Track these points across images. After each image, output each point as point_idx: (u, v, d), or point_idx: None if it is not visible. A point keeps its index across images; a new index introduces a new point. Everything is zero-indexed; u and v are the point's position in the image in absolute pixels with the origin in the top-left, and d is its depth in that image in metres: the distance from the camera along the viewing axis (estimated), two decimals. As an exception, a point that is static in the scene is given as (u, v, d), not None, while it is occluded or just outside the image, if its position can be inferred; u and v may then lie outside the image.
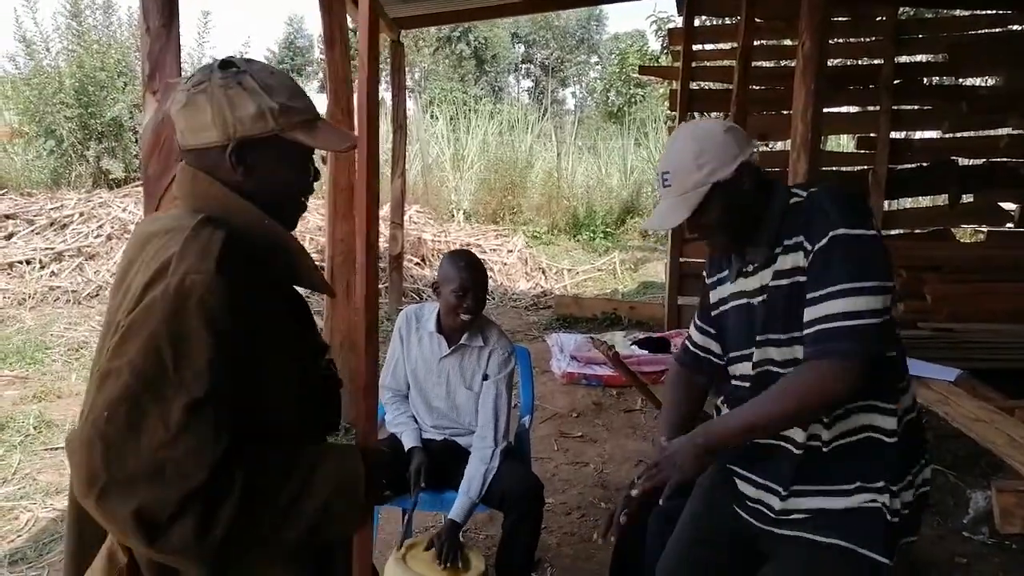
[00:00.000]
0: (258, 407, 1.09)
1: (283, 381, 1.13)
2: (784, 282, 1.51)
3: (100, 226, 7.49)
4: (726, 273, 1.68)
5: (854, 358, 1.38)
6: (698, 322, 1.84)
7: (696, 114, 6.41)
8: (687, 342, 1.88)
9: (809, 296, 1.43)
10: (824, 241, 1.41)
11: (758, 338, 1.57)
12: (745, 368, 1.63)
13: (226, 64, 1.16)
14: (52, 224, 7.52)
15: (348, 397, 1.34)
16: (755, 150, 1.54)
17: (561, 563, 2.93)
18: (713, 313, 1.74)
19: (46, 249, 7.14)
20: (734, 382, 1.69)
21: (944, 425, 2.63)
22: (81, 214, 7.63)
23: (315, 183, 1.24)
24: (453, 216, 10.85)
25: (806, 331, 1.43)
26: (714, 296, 1.73)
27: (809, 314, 1.43)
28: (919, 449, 1.60)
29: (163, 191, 2.58)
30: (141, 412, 0.97)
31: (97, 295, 6.77)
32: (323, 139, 1.18)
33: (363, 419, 1.26)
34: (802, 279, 1.46)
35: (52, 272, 6.95)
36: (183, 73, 2.67)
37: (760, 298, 1.57)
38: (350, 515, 1.13)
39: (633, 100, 17.37)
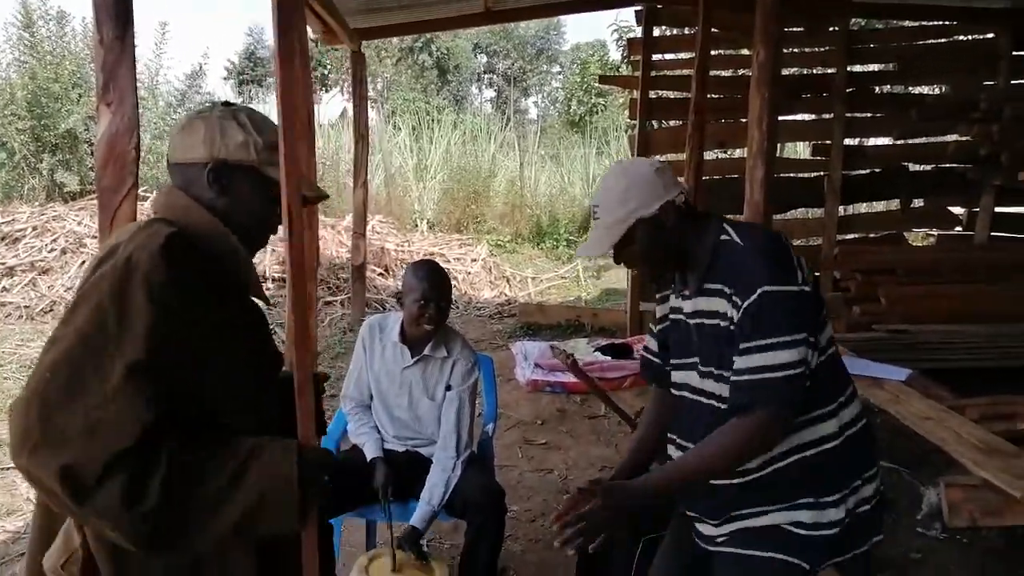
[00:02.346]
0: (207, 406, 1.14)
1: (235, 385, 1.18)
2: (709, 322, 1.62)
3: (54, 240, 7.32)
4: (668, 291, 1.81)
5: (784, 408, 1.50)
6: (655, 326, 1.92)
7: (656, 123, 6.50)
8: (645, 352, 1.94)
9: (741, 347, 1.52)
10: (753, 297, 1.50)
11: (690, 359, 1.70)
12: (687, 376, 1.73)
13: (228, 103, 1.32)
14: (3, 238, 7.32)
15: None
16: (683, 191, 1.64)
17: (526, 571, 2.94)
18: (659, 326, 1.86)
19: (-3, 264, 6.96)
20: (675, 390, 1.79)
21: (896, 424, 2.70)
22: (34, 228, 7.44)
23: (279, 224, 1.31)
24: (416, 226, 10.82)
25: (735, 379, 1.53)
26: (660, 311, 1.85)
27: (739, 363, 1.52)
28: (858, 466, 1.67)
29: (118, 204, 2.55)
30: (81, 374, 1.03)
31: (51, 310, 6.61)
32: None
33: (302, 417, 1.24)
34: (728, 326, 1.56)
35: (3, 287, 6.77)
36: (138, 85, 2.64)
37: (695, 322, 1.68)
38: (284, 510, 1.15)
39: (595, 109, 17.51)
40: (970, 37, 6.07)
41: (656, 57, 6.33)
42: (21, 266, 7.00)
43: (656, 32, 6.31)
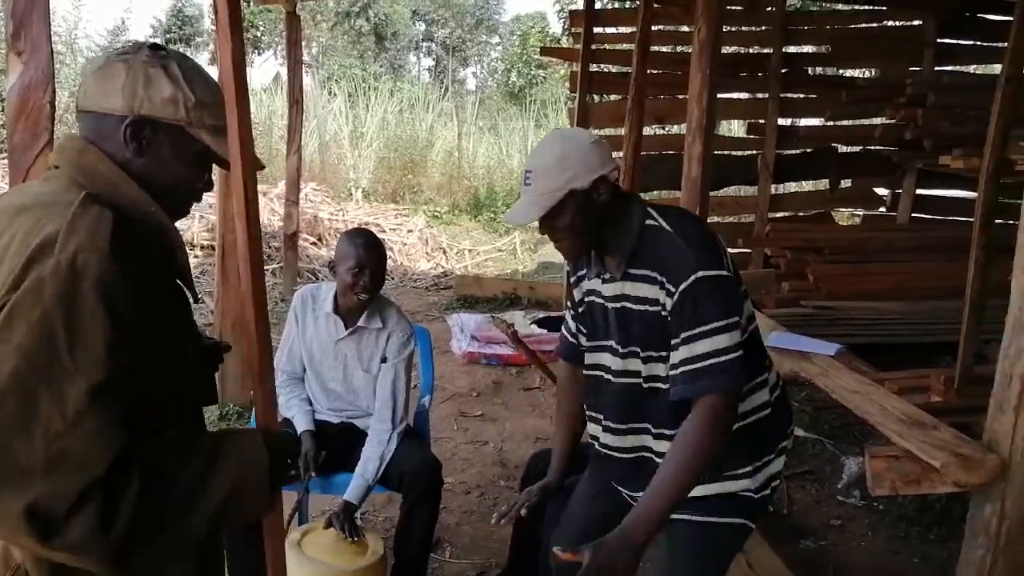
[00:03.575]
0: (152, 401, 1.04)
1: (161, 362, 1.07)
2: (635, 307, 1.62)
3: (-38, 200, 6.90)
4: (584, 272, 1.78)
5: (731, 389, 1.52)
6: (571, 310, 1.92)
7: (595, 96, 6.49)
8: (565, 332, 1.95)
9: (682, 335, 1.52)
10: (688, 283, 1.51)
11: (606, 342, 1.72)
12: (599, 358, 1.75)
13: (157, 47, 1.13)
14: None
15: (239, 379, 1.29)
16: (615, 167, 1.62)
17: (460, 542, 2.94)
18: (580, 308, 1.83)
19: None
20: (587, 371, 1.81)
21: (824, 397, 2.79)
22: (-61, 187, 7.01)
23: (204, 192, 1.20)
24: (351, 195, 10.61)
25: (681, 368, 1.53)
26: (579, 292, 1.83)
27: (682, 352, 1.52)
28: (785, 424, 1.77)
29: (31, 162, 2.39)
30: (34, 400, 0.90)
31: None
32: (227, 150, 1.14)
33: (262, 403, 1.22)
34: (659, 311, 1.56)
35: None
36: (55, 38, 2.48)
37: (614, 306, 1.67)
38: (258, 500, 1.10)
39: (534, 81, 17.47)
40: (899, 23, 6.24)
41: (597, 30, 6.30)
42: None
43: (598, 5, 6.28)
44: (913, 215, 6.15)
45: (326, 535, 2.24)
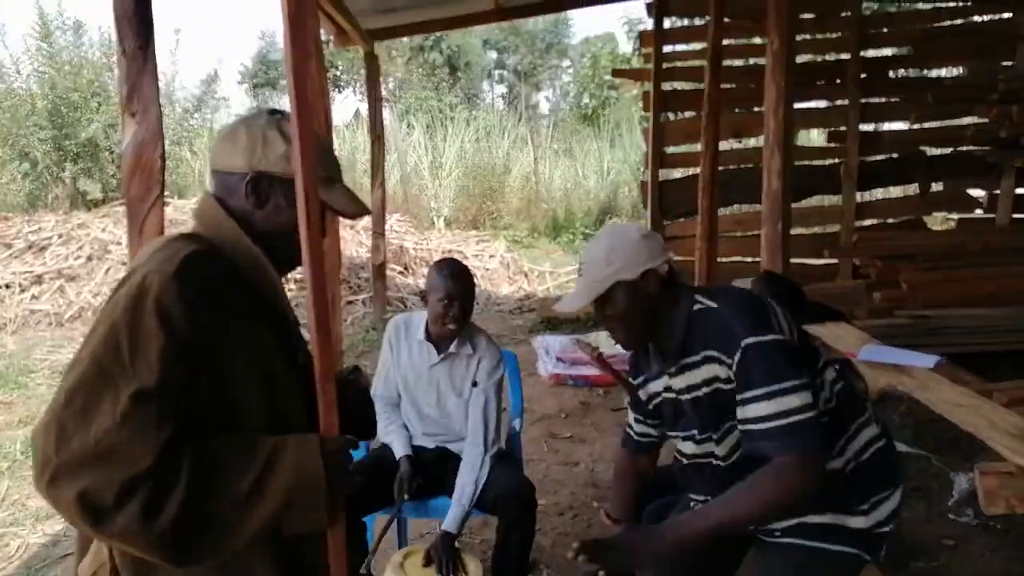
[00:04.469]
0: (230, 419, 1.14)
1: (262, 398, 1.17)
2: (706, 390, 1.64)
3: (80, 247, 7.43)
4: (653, 375, 1.82)
5: (808, 449, 1.49)
6: (634, 413, 1.97)
7: (670, 115, 6.48)
8: (628, 430, 2.00)
9: (739, 398, 1.55)
10: (739, 353, 1.53)
11: (695, 433, 1.73)
12: (687, 447, 1.78)
13: (275, 111, 1.28)
14: (30, 247, 7.45)
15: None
16: (668, 258, 1.67)
17: (556, 563, 2.96)
18: (650, 406, 1.87)
19: (25, 272, 7.08)
20: (678, 457, 1.84)
21: (925, 410, 2.70)
22: (60, 236, 7.57)
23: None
24: (433, 223, 10.86)
25: (744, 428, 1.55)
26: (645, 394, 1.87)
27: (742, 413, 1.55)
28: (874, 487, 1.71)
29: (146, 213, 2.59)
30: (95, 398, 1.03)
31: (79, 317, 6.72)
32: (335, 199, 1.28)
33: (324, 408, 1.23)
34: (724, 387, 1.59)
35: (32, 295, 6.89)
36: (160, 93, 2.68)
37: (687, 396, 1.70)
38: (313, 507, 1.15)
39: (607, 102, 17.46)
40: (986, 18, 6.01)
41: (668, 48, 6.32)
42: (49, 274, 7.12)
43: (667, 23, 6.30)
44: (1014, 216, 5.87)
45: (424, 558, 2.31)
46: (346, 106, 23.51)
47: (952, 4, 5.96)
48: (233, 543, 1.10)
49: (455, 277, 2.42)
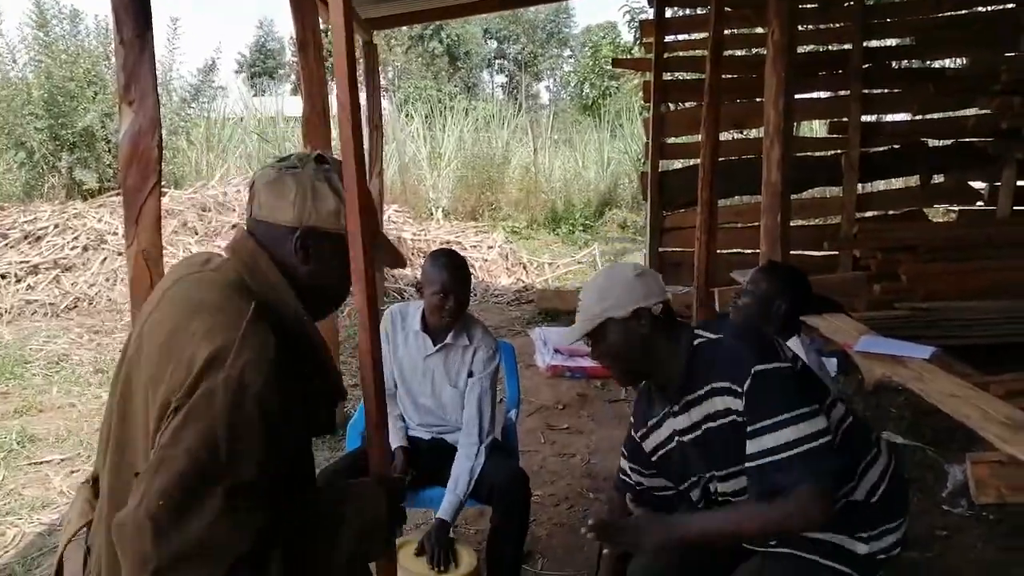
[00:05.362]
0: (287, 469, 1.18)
1: (303, 441, 1.26)
2: (718, 422, 1.61)
3: (76, 237, 7.40)
4: (656, 419, 1.78)
5: (820, 481, 1.47)
6: (631, 464, 1.91)
7: (670, 105, 6.45)
8: (623, 476, 1.95)
9: (748, 429, 1.53)
10: (749, 380, 1.53)
11: (701, 475, 1.71)
12: (695, 495, 1.77)
13: (322, 159, 1.26)
14: (26, 237, 7.42)
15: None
16: (663, 301, 1.67)
17: (552, 554, 2.96)
18: (653, 459, 1.83)
19: (21, 263, 7.05)
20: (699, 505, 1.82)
21: (922, 402, 2.69)
22: (56, 226, 7.53)
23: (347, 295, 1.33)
24: (432, 214, 10.84)
25: (750, 464, 1.53)
26: (650, 444, 1.82)
27: (750, 447, 1.53)
28: (883, 517, 1.71)
29: (142, 202, 2.58)
30: (194, 497, 1.02)
31: (75, 307, 6.70)
32: (381, 254, 1.33)
33: (374, 450, 1.31)
34: (738, 419, 1.57)
35: (28, 285, 6.87)
36: (158, 82, 2.66)
37: (691, 436, 1.68)
38: (377, 546, 1.25)
39: (607, 92, 17.41)
40: (990, 8, 5.97)
41: (669, 38, 6.28)
42: (45, 264, 7.09)
43: (668, 13, 6.26)
44: (1015, 208, 5.85)
45: (417, 548, 2.31)
46: (345, 96, 23.40)
47: (955, -6, 5.94)
48: None
49: (450, 268, 2.41)
